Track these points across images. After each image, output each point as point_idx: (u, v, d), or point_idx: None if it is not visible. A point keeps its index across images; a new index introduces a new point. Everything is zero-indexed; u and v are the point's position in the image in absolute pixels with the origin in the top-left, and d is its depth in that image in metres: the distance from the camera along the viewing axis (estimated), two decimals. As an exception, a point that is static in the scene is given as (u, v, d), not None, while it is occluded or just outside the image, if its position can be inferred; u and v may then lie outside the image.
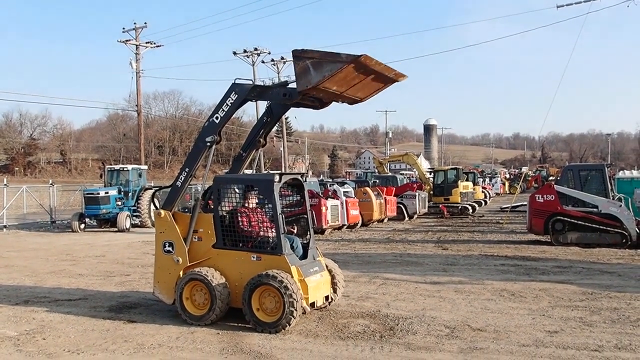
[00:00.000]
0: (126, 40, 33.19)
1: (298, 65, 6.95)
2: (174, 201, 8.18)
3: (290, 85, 7.50)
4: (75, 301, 9.34)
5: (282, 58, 43.35)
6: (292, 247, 7.80)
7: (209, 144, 7.87)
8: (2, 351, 6.68)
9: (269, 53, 41.87)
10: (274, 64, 43.31)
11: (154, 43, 34.47)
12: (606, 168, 16.89)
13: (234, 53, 40.96)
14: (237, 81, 7.72)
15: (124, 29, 33.40)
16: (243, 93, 7.61)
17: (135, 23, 33.22)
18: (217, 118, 7.77)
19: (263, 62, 42.29)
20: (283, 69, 43.49)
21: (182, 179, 8.07)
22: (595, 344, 6.70)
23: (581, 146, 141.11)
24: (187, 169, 8.07)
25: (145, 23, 33.17)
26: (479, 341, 6.88)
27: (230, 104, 7.66)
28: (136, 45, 33.52)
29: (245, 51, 40.94)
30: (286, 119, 54.08)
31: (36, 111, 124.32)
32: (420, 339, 6.98)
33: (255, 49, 41.00)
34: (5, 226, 23.34)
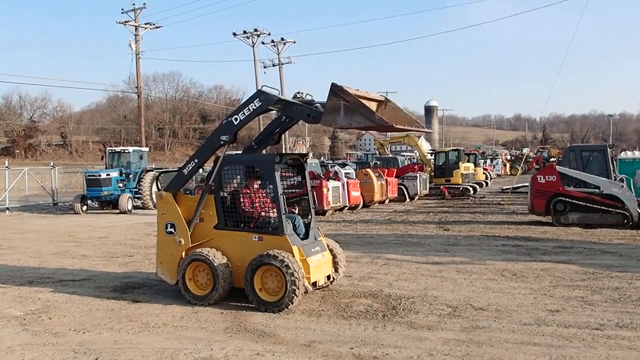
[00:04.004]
0: (125, 22, 32.92)
1: (331, 100, 6.92)
2: (178, 187, 8.19)
3: (316, 105, 7.47)
4: (80, 281, 9.40)
5: (282, 39, 43.16)
6: (294, 227, 7.82)
7: (222, 142, 7.83)
8: (9, 330, 6.74)
9: (269, 34, 41.70)
10: (274, 45, 43.11)
11: (153, 24, 34.21)
12: (608, 149, 16.87)
13: (234, 34, 40.78)
14: (263, 89, 7.63)
15: (122, 9, 33.17)
16: (267, 103, 7.49)
17: (134, 4, 32.90)
18: (236, 119, 7.67)
19: (263, 43, 42.12)
20: (283, 50, 43.29)
21: (190, 168, 8.06)
22: (597, 323, 6.75)
23: (583, 127, 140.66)
24: (196, 160, 8.06)
25: (144, 4, 32.87)
26: (480, 320, 6.92)
27: (252, 110, 7.54)
28: (135, 26, 33.26)
29: (245, 32, 40.74)
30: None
31: (36, 93, 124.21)
32: (422, 318, 7.03)
33: (255, 30, 40.79)
34: (7, 208, 23.41)
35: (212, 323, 6.91)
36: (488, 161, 53.24)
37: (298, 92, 7.88)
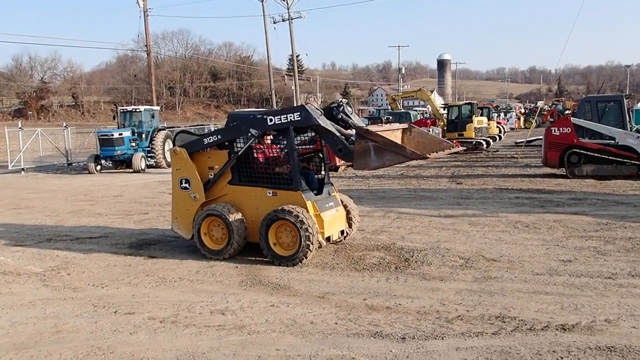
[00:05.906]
0: (131, -22, 32.39)
1: (359, 143, 6.89)
2: (193, 150, 8.20)
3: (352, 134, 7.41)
4: (97, 239, 9.57)
5: (292, -7, 42.24)
6: (307, 182, 7.85)
7: (250, 134, 7.77)
8: (30, 286, 6.93)
9: (278, -12, 40.77)
10: (283, 0, 42.27)
11: (160, -20, 33.60)
12: (624, 99, 16.56)
13: (242, -12, 39.97)
14: (307, 107, 7.52)
15: (128, -35, 32.58)
16: (305, 121, 7.40)
17: (139, -41, 32.31)
18: (270, 120, 7.58)
19: (272, -3, 41.30)
20: (293, 4, 42.48)
21: (211, 140, 8.05)
22: (609, 272, 6.77)
23: (599, 79, 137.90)
24: (219, 136, 8.03)
25: (150, -41, 32.24)
26: (493, 271, 6.98)
27: (289, 120, 7.45)
28: (142, -18, 32.71)
29: (253, -14, 39.91)
30: (297, 56, 53.17)
31: (45, 54, 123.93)
32: (434, 270, 7.10)
33: (264, -16, 39.91)
34: (23, 169, 23.70)
35: (228, 277, 7.03)
36: (502, 115, 52.54)
37: (341, 101, 7.88)
